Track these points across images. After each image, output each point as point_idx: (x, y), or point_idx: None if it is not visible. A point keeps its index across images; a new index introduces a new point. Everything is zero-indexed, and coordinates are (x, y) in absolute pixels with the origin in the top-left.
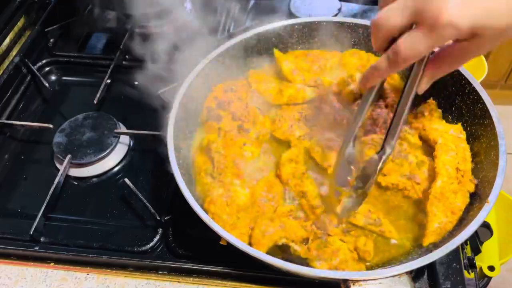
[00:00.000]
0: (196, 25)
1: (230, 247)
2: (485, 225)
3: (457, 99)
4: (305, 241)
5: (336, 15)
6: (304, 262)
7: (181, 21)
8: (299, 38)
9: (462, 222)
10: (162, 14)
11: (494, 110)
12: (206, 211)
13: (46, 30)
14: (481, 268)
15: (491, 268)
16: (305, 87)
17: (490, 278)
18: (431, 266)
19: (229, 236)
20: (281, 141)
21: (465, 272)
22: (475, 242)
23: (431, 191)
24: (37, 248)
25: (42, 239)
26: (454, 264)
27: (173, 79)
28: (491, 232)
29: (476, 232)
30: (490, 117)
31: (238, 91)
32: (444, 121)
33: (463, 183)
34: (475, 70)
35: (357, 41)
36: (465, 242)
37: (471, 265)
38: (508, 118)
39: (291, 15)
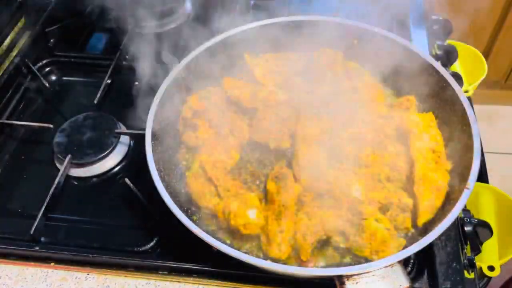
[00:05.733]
0: (195, 25)
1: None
2: (485, 225)
3: (427, 87)
4: (342, 231)
5: (335, 15)
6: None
7: (181, 22)
8: (267, 41)
9: (444, 208)
10: (162, 14)
11: (463, 95)
12: (235, 226)
13: (46, 30)
14: (481, 268)
15: (491, 268)
16: (277, 89)
17: (490, 278)
18: (431, 266)
19: (217, 243)
20: (259, 143)
21: (465, 272)
22: (475, 242)
23: (414, 176)
24: (38, 248)
25: (42, 239)
26: (454, 264)
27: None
28: (491, 232)
29: (476, 232)
30: (460, 103)
31: (212, 98)
32: (417, 112)
33: (440, 163)
34: (475, 70)
35: (324, 40)
36: (465, 242)
37: (471, 265)
38: (508, 118)
39: (290, 15)
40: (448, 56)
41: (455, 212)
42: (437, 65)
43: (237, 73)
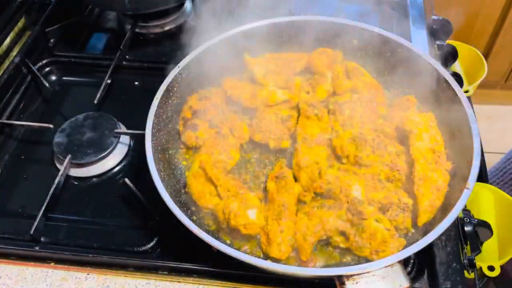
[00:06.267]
0: (195, 25)
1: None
2: (485, 225)
3: (427, 87)
4: (342, 231)
5: (336, 16)
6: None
7: (181, 22)
8: (267, 41)
9: (444, 208)
10: (162, 14)
11: (463, 95)
12: (235, 226)
13: (46, 30)
14: (481, 268)
15: (491, 268)
16: (276, 89)
17: (490, 278)
18: (431, 266)
19: (217, 243)
20: (259, 143)
21: (465, 272)
22: (475, 242)
23: (414, 176)
24: (38, 248)
25: (42, 239)
26: (454, 264)
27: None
28: (491, 232)
29: (476, 232)
30: (460, 102)
31: (212, 98)
32: (417, 112)
33: (440, 163)
34: (475, 70)
35: (324, 39)
36: (465, 242)
37: (471, 265)
38: (508, 118)
39: (291, 15)
40: (448, 56)
41: (455, 212)
42: (437, 65)
43: (237, 73)
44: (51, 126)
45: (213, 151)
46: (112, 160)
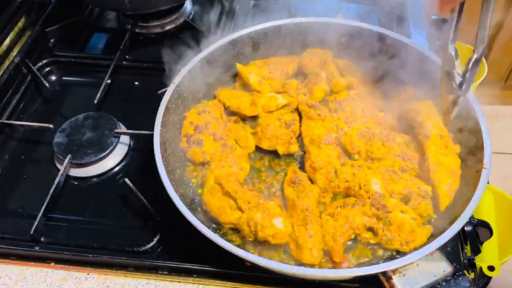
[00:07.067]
0: (196, 26)
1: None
2: (485, 225)
3: (426, 75)
4: (370, 227)
5: (336, 15)
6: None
7: (181, 22)
8: (255, 47)
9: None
10: (162, 14)
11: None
12: (264, 238)
13: (46, 30)
14: (481, 268)
15: (491, 268)
16: (275, 94)
17: (490, 278)
18: None
19: (252, 257)
20: (266, 151)
21: (465, 272)
22: (475, 242)
23: (428, 163)
24: (38, 248)
25: (42, 239)
26: (454, 264)
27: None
28: (491, 232)
29: (476, 232)
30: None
31: (212, 111)
32: (416, 102)
33: (449, 147)
34: None
35: (324, 40)
36: (465, 242)
37: (471, 265)
38: (508, 118)
39: (291, 15)
40: None
41: (481, 188)
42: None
43: (228, 84)
44: (51, 126)
45: (223, 164)
46: (112, 160)
